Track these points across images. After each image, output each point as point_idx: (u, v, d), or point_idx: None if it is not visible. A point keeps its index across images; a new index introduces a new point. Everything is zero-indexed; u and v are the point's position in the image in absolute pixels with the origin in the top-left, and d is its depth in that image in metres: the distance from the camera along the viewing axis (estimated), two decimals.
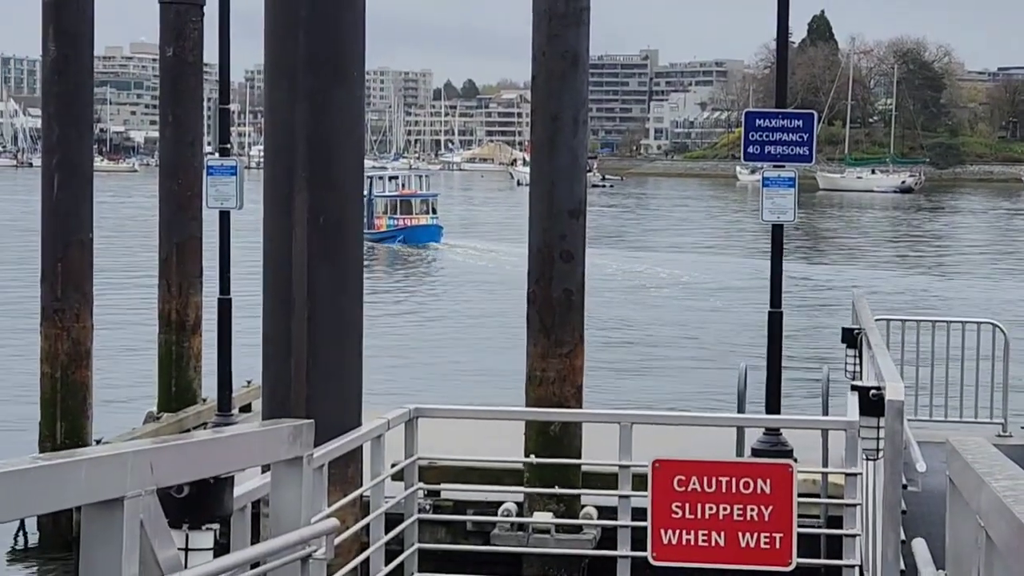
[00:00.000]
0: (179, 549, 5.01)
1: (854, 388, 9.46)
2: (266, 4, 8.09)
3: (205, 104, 20.48)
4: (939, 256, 69.41)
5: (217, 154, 17.86)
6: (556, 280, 14.70)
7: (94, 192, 17.42)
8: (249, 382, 19.71)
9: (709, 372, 30.51)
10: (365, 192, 59.49)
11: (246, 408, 19.22)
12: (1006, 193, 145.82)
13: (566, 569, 12.62)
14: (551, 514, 14.20)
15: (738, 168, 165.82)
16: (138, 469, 4.56)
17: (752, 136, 16.08)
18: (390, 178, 75.84)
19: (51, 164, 16.42)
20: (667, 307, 43.66)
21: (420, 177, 78.58)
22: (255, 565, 5.78)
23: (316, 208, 8.01)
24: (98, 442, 16.56)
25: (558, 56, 14.74)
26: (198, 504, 5.13)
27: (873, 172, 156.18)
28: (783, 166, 16.09)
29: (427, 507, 12.64)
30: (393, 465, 8.40)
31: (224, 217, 17.56)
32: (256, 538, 6.29)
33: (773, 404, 15.63)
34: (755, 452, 15.01)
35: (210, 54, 19.15)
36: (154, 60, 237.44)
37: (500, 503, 14.37)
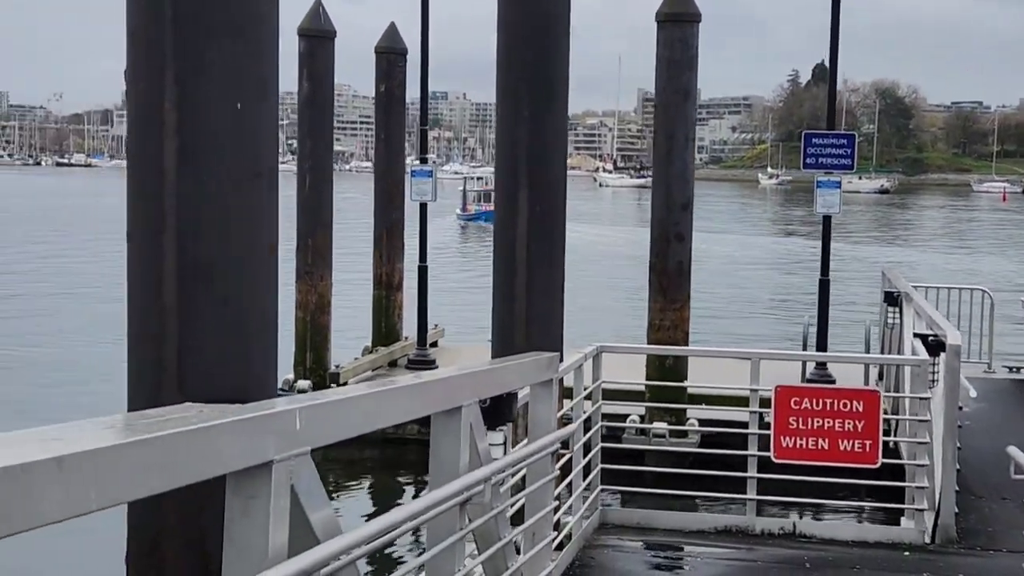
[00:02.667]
0: None
1: (916, 335, 9.18)
2: (498, 48, 7.97)
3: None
4: (908, 237, 68.58)
5: (419, 162, 17.85)
6: (671, 255, 14.50)
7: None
8: (436, 325, 19.69)
9: (764, 321, 30.10)
10: (461, 187, 58.38)
11: (434, 344, 19.23)
12: (958, 194, 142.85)
13: (677, 463, 12.42)
14: (665, 424, 14.04)
15: (759, 174, 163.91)
16: (469, 387, 4.52)
17: (809, 150, 15.65)
18: (477, 178, 76.88)
19: (304, 169, 16.41)
20: (729, 275, 42.37)
21: None
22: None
23: (533, 200, 7.89)
24: (337, 366, 16.61)
25: (673, 91, 14.49)
26: (496, 412, 5.08)
27: (860, 178, 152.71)
28: (832, 172, 15.67)
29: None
30: (585, 387, 8.27)
31: (423, 208, 17.54)
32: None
33: (822, 345, 15.32)
34: (808, 380, 14.68)
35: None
36: (352, 96, 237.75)
37: (627, 415, 14.21)
